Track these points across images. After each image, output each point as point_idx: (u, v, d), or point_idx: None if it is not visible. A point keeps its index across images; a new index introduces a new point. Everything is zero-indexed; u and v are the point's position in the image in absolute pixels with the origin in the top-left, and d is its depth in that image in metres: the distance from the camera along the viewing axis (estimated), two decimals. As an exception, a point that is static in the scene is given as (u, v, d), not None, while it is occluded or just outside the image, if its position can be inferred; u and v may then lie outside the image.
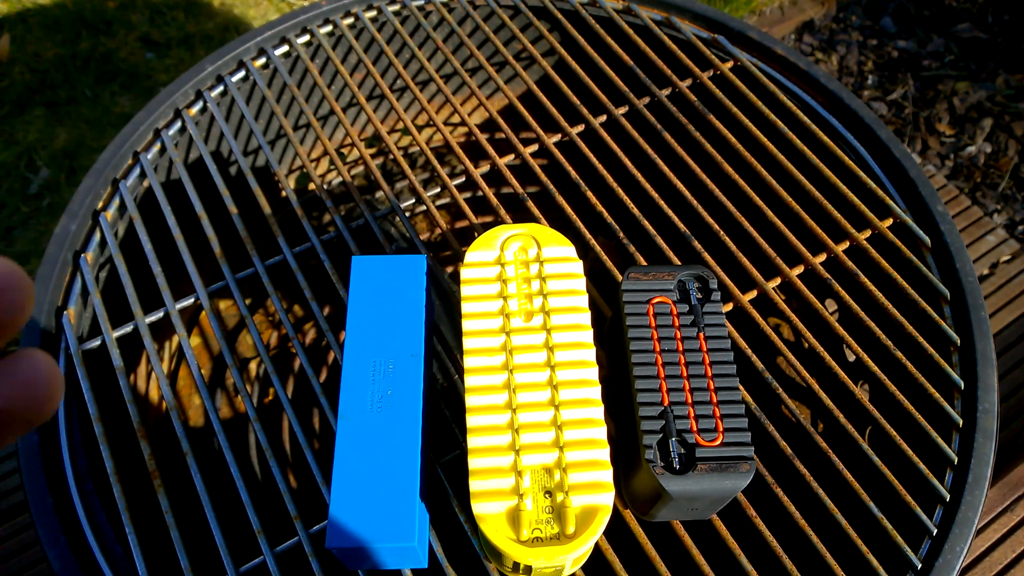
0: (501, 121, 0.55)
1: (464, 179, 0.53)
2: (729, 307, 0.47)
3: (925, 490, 0.42)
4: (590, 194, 0.51)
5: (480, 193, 0.53)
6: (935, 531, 0.41)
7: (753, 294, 0.47)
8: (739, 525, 0.41)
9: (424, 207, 0.52)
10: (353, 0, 0.62)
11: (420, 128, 0.78)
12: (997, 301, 0.92)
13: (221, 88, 0.58)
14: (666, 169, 0.52)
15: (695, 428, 0.34)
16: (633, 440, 0.36)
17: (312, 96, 0.66)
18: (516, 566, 0.34)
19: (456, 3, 0.63)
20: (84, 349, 0.46)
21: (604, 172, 0.52)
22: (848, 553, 0.40)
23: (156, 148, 0.55)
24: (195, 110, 0.57)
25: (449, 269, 0.75)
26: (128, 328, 0.47)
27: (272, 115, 0.64)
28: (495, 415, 0.34)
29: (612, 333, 0.41)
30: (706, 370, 0.36)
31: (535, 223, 0.42)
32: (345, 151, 0.78)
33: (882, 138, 0.55)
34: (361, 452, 0.35)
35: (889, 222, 0.51)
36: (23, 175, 1.11)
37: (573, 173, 0.52)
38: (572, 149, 0.55)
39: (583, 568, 0.38)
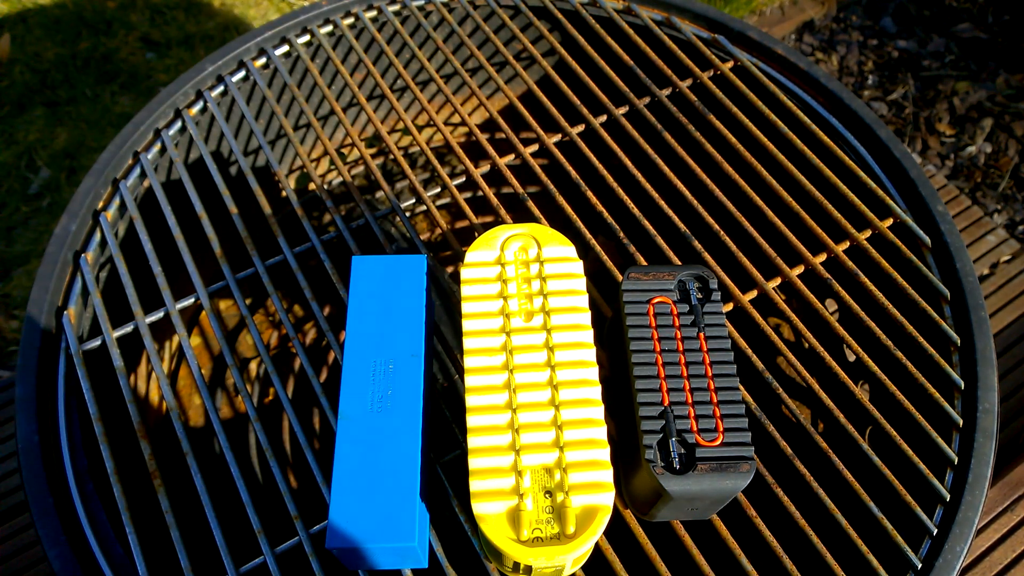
0: (501, 121, 0.55)
1: (464, 179, 0.53)
2: (729, 307, 0.47)
3: (925, 490, 0.42)
4: (590, 194, 0.51)
5: (480, 193, 0.53)
6: (935, 531, 0.41)
7: (753, 294, 0.47)
8: (739, 525, 0.41)
9: (424, 207, 0.52)
10: (353, 0, 0.62)
11: (420, 128, 0.78)
12: (997, 301, 0.93)
13: (221, 88, 0.58)
14: (666, 169, 0.52)
15: (695, 428, 0.34)
16: (633, 440, 0.36)
17: (312, 96, 0.66)
18: (516, 566, 0.34)
19: (456, 3, 0.63)
20: (84, 349, 0.46)
21: (604, 172, 0.52)
22: (848, 553, 0.40)
23: (156, 148, 0.55)
24: (195, 110, 0.57)
25: (449, 269, 0.75)
26: (128, 328, 0.47)
27: (272, 115, 0.64)
28: (495, 415, 0.34)
29: (612, 333, 0.41)
30: (706, 370, 0.36)
31: (535, 223, 0.42)
32: (345, 151, 0.78)
33: (882, 138, 0.55)
34: (361, 452, 0.35)
35: (889, 222, 0.51)
36: (23, 175, 1.11)
37: (573, 173, 0.52)
38: (572, 149, 0.55)
39: (583, 568, 0.38)
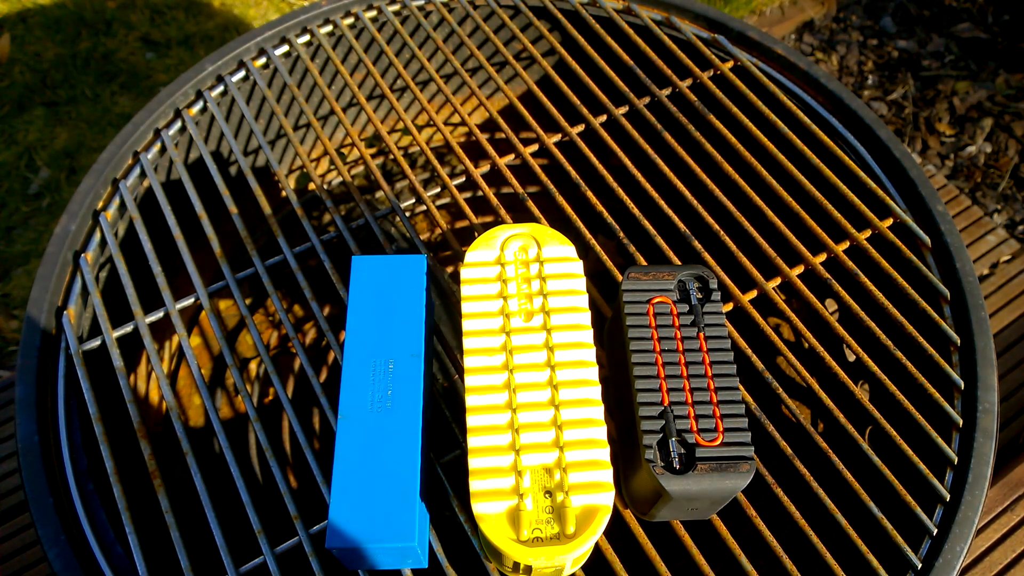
0: (501, 121, 0.55)
1: (464, 179, 0.53)
2: (729, 307, 0.47)
3: (925, 490, 0.42)
4: (590, 194, 0.51)
5: (480, 193, 0.53)
6: (935, 531, 0.41)
7: (753, 294, 0.47)
8: (739, 525, 0.41)
9: (424, 207, 0.52)
10: (353, 0, 0.62)
11: (420, 128, 0.78)
12: (997, 301, 0.93)
13: (221, 88, 0.58)
14: (666, 169, 0.52)
15: (695, 428, 0.34)
16: (633, 440, 0.36)
17: (312, 96, 0.66)
18: (516, 566, 0.34)
19: (456, 3, 0.63)
20: (84, 349, 0.46)
21: (604, 172, 0.52)
22: (848, 553, 0.40)
23: (156, 148, 0.55)
24: (195, 110, 0.57)
25: (449, 269, 0.75)
26: (128, 328, 0.47)
27: (272, 115, 0.64)
28: (495, 415, 0.34)
29: (612, 333, 0.41)
30: (706, 370, 0.36)
31: (535, 223, 0.42)
32: (345, 151, 0.78)
33: (882, 138, 0.55)
34: (361, 452, 0.35)
35: (889, 222, 0.51)
36: (23, 175, 1.11)
37: (573, 173, 0.52)
38: (572, 149, 0.55)
39: (583, 568, 0.38)
